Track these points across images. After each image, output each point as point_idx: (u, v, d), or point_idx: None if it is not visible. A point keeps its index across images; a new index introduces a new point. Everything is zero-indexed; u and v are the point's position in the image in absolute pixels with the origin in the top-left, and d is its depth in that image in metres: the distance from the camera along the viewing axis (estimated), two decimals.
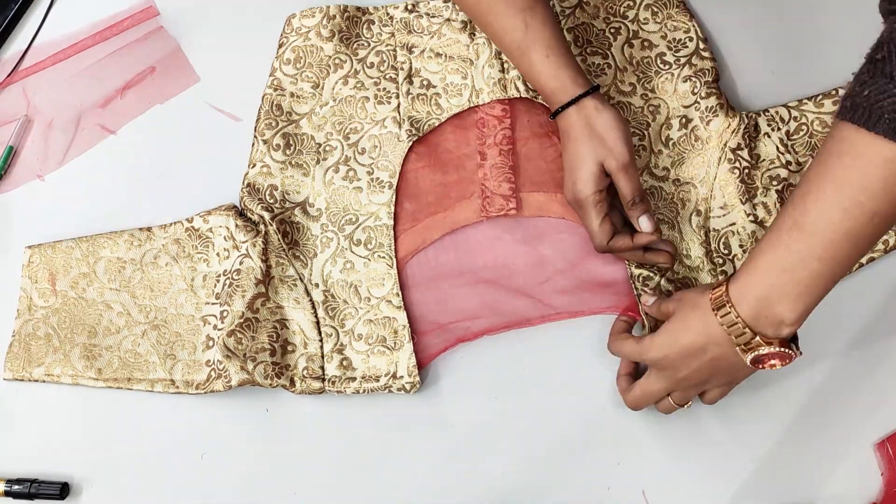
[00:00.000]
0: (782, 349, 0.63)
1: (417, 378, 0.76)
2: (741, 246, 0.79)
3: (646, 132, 0.83)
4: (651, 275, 0.78)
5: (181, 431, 0.79)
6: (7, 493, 0.76)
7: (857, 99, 0.55)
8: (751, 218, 0.79)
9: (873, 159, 0.54)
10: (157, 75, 0.90)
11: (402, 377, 0.76)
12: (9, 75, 0.91)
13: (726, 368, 0.67)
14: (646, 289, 0.77)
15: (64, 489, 0.77)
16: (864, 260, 0.78)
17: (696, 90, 0.83)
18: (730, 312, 0.64)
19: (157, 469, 0.78)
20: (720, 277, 0.78)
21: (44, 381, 0.80)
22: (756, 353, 0.64)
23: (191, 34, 0.91)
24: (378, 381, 0.77)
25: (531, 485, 0.76)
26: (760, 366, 0.65)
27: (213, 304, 0.80)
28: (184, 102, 0.89)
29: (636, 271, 0.78)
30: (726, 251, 0.79)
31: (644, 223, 0.74)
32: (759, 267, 0.63)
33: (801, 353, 0.65)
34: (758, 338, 0.63)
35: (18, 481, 0.76)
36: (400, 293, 0.79)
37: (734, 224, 0.80)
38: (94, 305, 0.82)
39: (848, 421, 0.76)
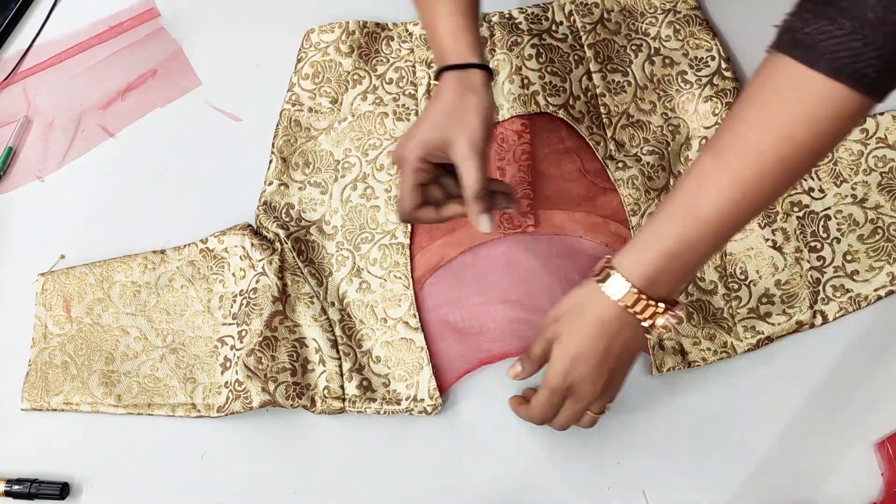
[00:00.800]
0: (673, 309, 0.63)
1: (439, 400, 0.76)
2: (758, 271, 0.79)
3: (665, 151, 0.82)
4: None
5: (181, 431, 0.78)
6: (7, 493, 0.76)
7: (798, 35, 0.55)
8: (769, 243, 0.79)
9: (807, 91, 0.55)
10: (159, 78, 0.90)
11: (423, 400, 0.76)
12: (9, 75, 0.90)
13: (618, 358, 0.66)
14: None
15: (64, 489, 0.76)
16: (882, 293, 0.78)
17: (717, 111, 0.82)
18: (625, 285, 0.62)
19: (157, 469, 0.78)
20: (733, 303, 0.78)
21: (63, 410, 0.79)
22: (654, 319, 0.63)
23: (191, 35, 0.90)
24: (399, 404, 0.76)
25: (531, 485, 0.76)
26: (654, 329, 0.64)
27: (229, 324, 0.79)
28: (184, 105, 0.89)
29: None
30: (742, 276, 0.79)
31: (484, 224, 0.69)
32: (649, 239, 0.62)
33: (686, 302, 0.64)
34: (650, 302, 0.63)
35: (18, 481, 0.76)
36: (417, 314, 0.78)
37: (751, 248, 0.79)
38: (110, 331, 0.80)
39: (848, 421, 0.76)
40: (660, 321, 0.63)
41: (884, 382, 0.77)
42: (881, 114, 0.82)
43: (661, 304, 0.63)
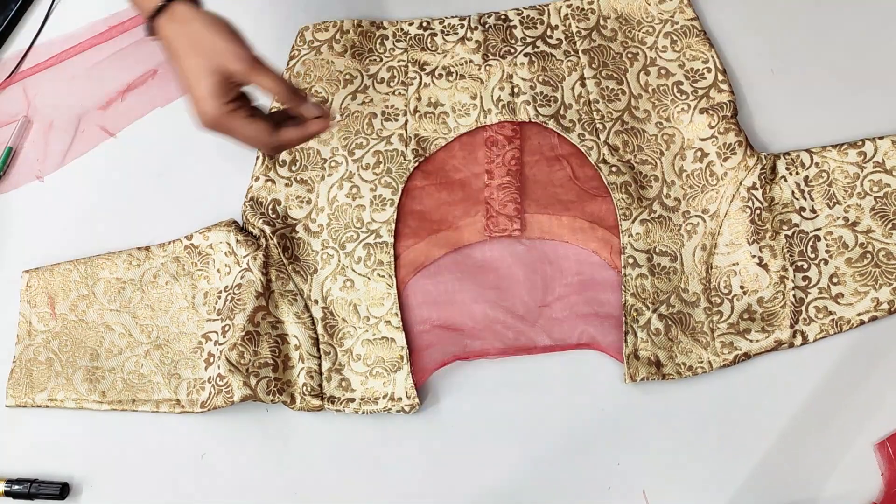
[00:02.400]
0: None
1: (416, 399, 0.76)
2: (742, 287, 0.78)
3: (658, 161, 0.81)
4: (643, 307, 0.77)
5: (181, 431, 0.79)
6: (7, 493, 0.76)
7: None
8: (755, 260, 0.78)
9: None
10: (159, 78, 0.90)
11: (400, 399, 0.76)
12: (9, 76, 0.91)
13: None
14: (636, 325, 0.76)
15: (64, 489, 0.77)
16: (866, 318, 0.77)
17: (713, 124, 0.81)
18: None
19: (157, 469, 0.78)
20: (714, 318, 0.77)
21: (47, 407, 0.79)
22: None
23: None
24: (377, 402, 0.76)
25: (531, 485, 0.76)
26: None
27: (213, 320, 0.80)
28: (184, 105, 0.89)
29: (630, 301, 0.77)
30: (726, 290, 0.78)
31: (309, 110, 0.68)
32: None
33: None
34: None
35: (18, 481, 0.76)
36: (399, 313, 0.78)
37: (737, 264, 0.78)
38: (94, 327, 0.81)
39: (848, 421, 0.76)
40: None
41: (883, 383, 0.77)
42: (881, 138, 0.80)
43: None
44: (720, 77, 0.83)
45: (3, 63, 0.91)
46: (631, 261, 0.78)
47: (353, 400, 0.76)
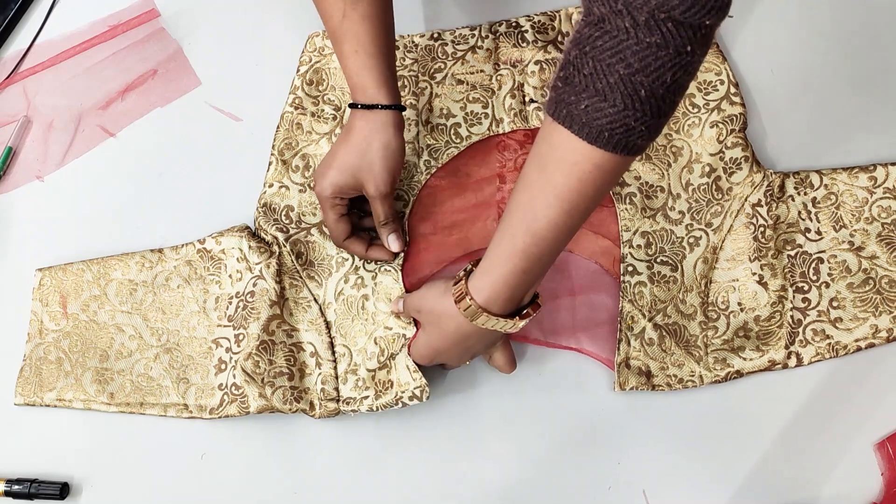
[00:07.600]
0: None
1: (423, 380, 0.76)
2: (739, 303, 0.79)
3: (666, 172, 0.83)
4: (638, 315, 0.78)
5: (181, 432, 0.80)
6: (7, 493, 0.78)
7: (574, 110, 0.58)
8: (755, 278, 0.79)
9: (590, 164, 0.59)
10: (159, 78, 0.91)
11: (407, 383, 0.77)
12: (9, 75, 0.91)
13: (479, 341, 0.72)
14: (630, 333, 0.77)
15: (64, 489, 0.78)
16: (863, 345, 0.78)
17: (721, 138, 0.83)
18: (470, 305, 0.68)
19: (158, 469, 0.80)
20: (709, 333, 0.79)
21: (55, 406, 0.81)
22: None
23: (191, 35, 0.92)
24: (387, 394, 0.77)
25: (531, 485, 0.76)
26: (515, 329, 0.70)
27: (225, 326, 0.81)
28: (184, 105, 0.90)
29: (627, 307, 0.79)
30: (724, 306, 0.80)
31: (393, 243, 0.80)
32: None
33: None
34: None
35: (18, 481, 0.78)
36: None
37: (737, 280, 0.80)
38: (105, 328, 0.83)
39: (848, 421, 0.77)
40: (520, 324, 0.69)
41: (883, 383, 0.78)
42: (893, 164, 0.82)
43: (517, 318, 0.69)
44: (732, 90, 0.84)
45: (3, 63, 0.92)
46: (630, 269, 0.79)
47: (367, 398, 0.78)
